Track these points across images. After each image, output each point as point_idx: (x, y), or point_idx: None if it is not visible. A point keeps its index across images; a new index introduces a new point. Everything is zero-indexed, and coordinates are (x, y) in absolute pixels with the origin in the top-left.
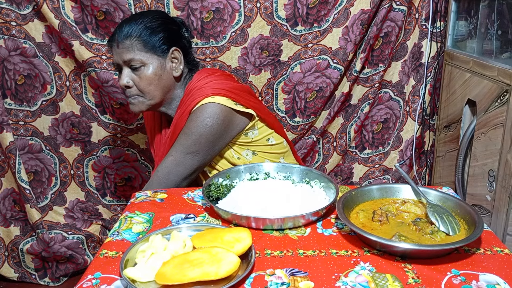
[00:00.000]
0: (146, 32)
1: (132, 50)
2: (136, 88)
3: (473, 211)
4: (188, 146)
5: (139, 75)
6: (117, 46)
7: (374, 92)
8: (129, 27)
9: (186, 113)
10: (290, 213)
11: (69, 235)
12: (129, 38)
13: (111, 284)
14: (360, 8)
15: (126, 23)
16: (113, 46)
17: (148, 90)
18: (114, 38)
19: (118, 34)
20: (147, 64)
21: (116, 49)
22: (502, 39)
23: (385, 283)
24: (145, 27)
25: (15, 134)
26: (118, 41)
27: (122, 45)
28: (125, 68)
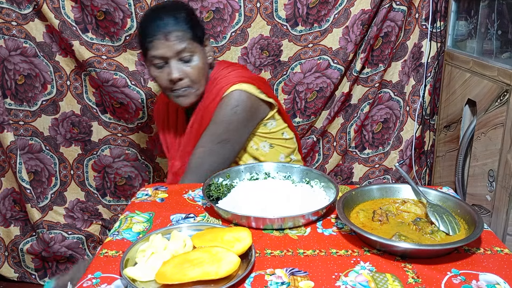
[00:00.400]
0: (191, 22)
1: (183, 40)
2: (188, 79)
3: (473, 211)
4: (219, 134)
5: (189, 65)
6: (165, 38)
7: (374, 92)
8: (175, 17)
9: (216, 102)
10: (290, 212)
11: (69, 235)
12: (179, 29)
13: (111, 283)
14: (361, 8)
15: (167, 14)
16: (158, 39)
17: (198, 80)
18: (157, 31)
19: (163, 26)
20: (196, 54)
21: (163, 42)
22: (502, 39)
23: (385, 282)
24: (189, 17)
25: (15, 134)
26: (166, 33)
27: (172, 36)
28: (173, 61)
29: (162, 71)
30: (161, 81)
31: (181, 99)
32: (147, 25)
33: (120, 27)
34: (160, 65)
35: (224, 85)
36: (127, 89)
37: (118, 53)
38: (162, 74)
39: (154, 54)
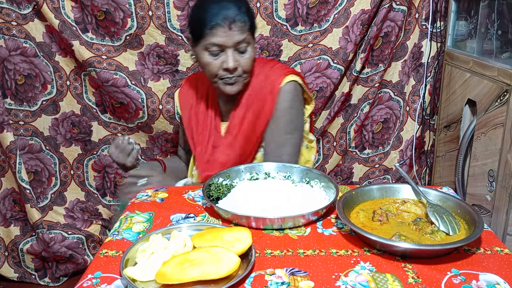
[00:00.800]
0: (250, 13)
1: (244, 31)
2: (241, 69)
3: (473, 211)
4: (288, 124)
5: (244, 56)
6: (229, 27)
7: (374, 92)
8: (238, 7)
9: (274, 94)
10: (290, 212)
11: (69, 235)
12: (241, 19)
13: (111, 283)
14: (361, 8)
15: (231, 3)
16: (222, 27)
17: (249, 70)
18: (222, 20)
19: (228, 15)
20: (250, 45)
21: (226, 30)
22: (502, 39)
23: (385, 282)
24: (248, 7)
25: (15, 134)
26: (230, 22)
27: (235, 26)
28: (229, 50)
29: (216, 59)
30: (213, 68)
31: (228, 87)
32: (211, 12)
33: (121, 27)
34: (216, 53)
35: (277, 77)
36: (127, 89)
37: (118, 53)
38: (216, 62)
39: (213, 42)
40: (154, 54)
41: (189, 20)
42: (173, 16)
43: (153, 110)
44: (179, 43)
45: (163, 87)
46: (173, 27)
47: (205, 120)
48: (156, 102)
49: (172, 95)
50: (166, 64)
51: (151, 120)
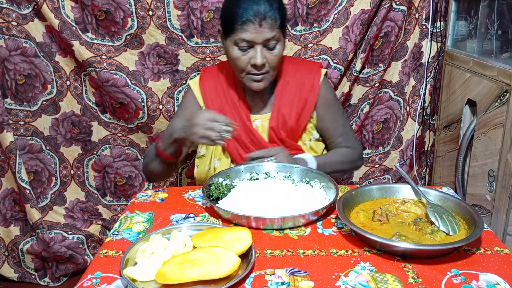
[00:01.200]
0: (282, 9)
1: (274, 28)
2: (268, 66)
3: (473, 211)
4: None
5: (272, 53)
6: (260, 24)
7: (374, 92)
8: (270, 3)
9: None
10: (290, 212)
11: (69, 235)
12: (272, 16)
13: (111, 283)
14: (360, 8)
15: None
16: (252, 23)
17: (277, 67)
18: (253, 16)
19: (260, 11)
20: (280, 42)
21: (256, 27)
22: (502, 39)
23: (385, 282)
24: (280, 4)
25: (15, 134)
26: (261, 19)
27: (266, 23)
28: (258, 47)
29: (244, 54)
30: (241, 64)
31: (255, 84)
32: (242, 7)
33: (121, 27)
34: (245, 49)
35: (316, 71)
36: (127, 89)
37: (118, 53)
38: (244, 58)
39: (243, 38)
40: (154, 54)
41: (221, 13)
42: (173, 16)
43: (153, 110)
44: (179, 43)
45: (163, 87)
46: (173, 27)
47: (234, 112)
48: (156, 102)
49: (172, 94)
50: (166, 64)
51: (151, 120)
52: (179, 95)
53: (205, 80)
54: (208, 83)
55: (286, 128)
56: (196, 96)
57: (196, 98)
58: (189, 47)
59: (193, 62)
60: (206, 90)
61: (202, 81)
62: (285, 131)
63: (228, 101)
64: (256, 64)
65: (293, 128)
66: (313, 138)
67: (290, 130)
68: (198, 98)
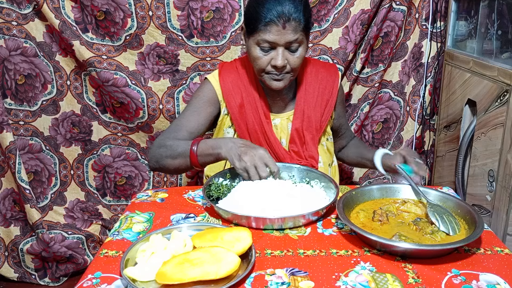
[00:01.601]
0: (307, 12)
1: (297, 31)
2: (289, 67)
3: (473, 211)
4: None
5: (294, 55)
6: (283, 26)
7: (374, 92)
8: (295, 5)
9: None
10: (291, 213)
11: (69, 235)
12: (296, 19)
13: (111, 283)
14: (360, 8)
15: (290, 2)
16: (276, 25)
17: (298, 68)
18: (277, 18)
19: (284, 13)
20: (302, 44)
21: (280, 29)
22: (502, 39)
23: (385, 282)
24: (306, 5)
25: (15, 134)
26: (285, 21)
27: (289, 25)
28: (280, 49)
29: (266, 55)
30: (261, 63)
31: (275, 83)
32: (267, 7)
33: (121, 27)
34: (266, 49)
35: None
36: (128, 89)
37: (118, 53)
38: (266, 58)
39: (265, 39)
40: (154, 54)
41: (245, 11)
42: (173, 16)
43: (154, 109)
44: (179, 43)
45: (163, 87)
46: (173, 27)
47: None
48: (156, 101)
49: (172, 94)
50: (166, 64)
51: (151, 120)
52: (179, 95)
53: (225, 74)
54: (229, 77)
55: (311, 129)
56: (215, 89)
57: (215, 91)
58: (189, 47)
59: (193, 62)
60: (226, 84)
61: (221, 76)
62: (310, 132)
63: (248, 97)
64: (277, 66)
65: (317, 129)
66: (330, 138)
67: (315, 131)
68: (217, 91)
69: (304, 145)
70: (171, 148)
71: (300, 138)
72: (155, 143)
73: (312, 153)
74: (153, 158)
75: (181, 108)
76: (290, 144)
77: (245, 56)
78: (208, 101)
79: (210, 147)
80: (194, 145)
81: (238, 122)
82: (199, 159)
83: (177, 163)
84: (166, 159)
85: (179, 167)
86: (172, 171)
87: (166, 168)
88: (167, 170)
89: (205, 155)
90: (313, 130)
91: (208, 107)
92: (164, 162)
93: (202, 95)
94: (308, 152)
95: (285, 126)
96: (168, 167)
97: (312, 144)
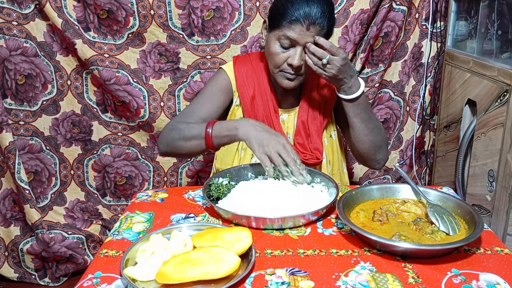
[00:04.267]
0: (332, 19)
1: (320, 35)
2: (304, 68)
3: (473, 211)
4: None
5: None
6: (308, 27)
7: (374, 92)
8: (322, 10)
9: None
10: (291, 212)
11: (69, 235)
12: (321, 23)
13: (111, 283)
14: (360, 8)
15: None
16: (301, 25)
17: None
18: (304, 18)
19: (311, 15)
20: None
21: (304, 29)
22: (502, 39)
23: (385, 282)
24: (331, 12)
25: (15, 134)
26: (310, 23)
27: (313, 28)
28: (299, 48)
29: (284, 52)
30: (278, 60)
31: (286, 82)
32: (295, 5)
33: (123, 25)
34: (286, 46)
35: None
36: (129, 87)
37: (120, 51)
38: (283, 55)
39: (288, 35)
40: (155, 52)
41: (272, 6)
42: (174, 15)
43: (155, 107)
44: (180, 41)
45: (164, 85)
46: (174, 26)
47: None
48: (157, 99)
49: (173, 92)
50: (168, 62)
51: (152, 118)
52: (180, 93)
53: (239, 65)
54: (244, 68)
55: (316, 121)
56: (230, 79)
57: (229, 81)
58: (190, 45)
59: (194, 60)
60: (240, 75)
61: (236, 66)
62: (315, 124)
63: (260, 90)
64: (293, 65)
65: (321, 122)
66: (333, 135)
67: (319, 124)
68: (232, 81)
69: (309, 138)
70: (184, 130)
71: (306, 130)
72: (166, 127)
73: (317, 145)
74: (163, 141)
75: (182, 106)
76: (296, 137)
77: (259, 52)
78: (222, 90)
79: (226, 129)
80: (209, 127)
81: (249, 113)
82: (214, 141)
83: (189, 146)
84: (179, 141)
85: (192, 150)
86: (184, 154)
87: (177, 151)
88: (179, 153)
89: (221, 136)
90: (317, 122)
91: (221, 95)
92: (176, 144)
93: (216, 83)
94: (313, 144)
95: (291, 121)
96: (180, 150)
97: (317, 136)
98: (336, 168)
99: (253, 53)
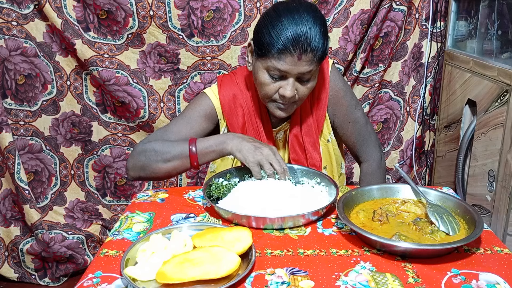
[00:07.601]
0: (325, 39)
1: (312, 63)
2: (297, 97)
3: (473, 211)
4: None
5: (305, 86)
6: (299, 57)
7: (374, 92)
8: (314, 34)
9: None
10: (290, 212)
11: (69, 235)
12: (313, 49)
13: (111, 283)
14: (360, 8)
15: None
16: (291, 55)
17: (305, 97)
18: (294, 47)
19: (301, 43)
20: (314, 75)
21: (295, 60)
22: (502, 39)
23: (385, 282)
24: (324, 32)
25: (15, 134)
26: (301, 51)
27: (305, 57)
28: (291, 79)
29: (274, 82)
30: (268, 90)
31: (279, 112)
32: (283, 33)
33: (122, 26)
34: (276, 77)
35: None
36: (129, 87)
37: (120, 52)
38: (274, 86)
39: (277, 67)
40: (155, 52)
41: (256, 28)
42: (173, 16)
43: (155, 108)
44: (180, 42)
45: (164, 85)
46: (173, 26)
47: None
48: (157, 100)
49: (173, 93)
50: (167, 63)
51: (152, 119)
52: (180, 94)
53: (225, 89)
54: (229, 92)
55: (311, 133)
56: (215, 106)
57: (213, 107)
58: (190, 46)
59: (194, 61)
60: (227, 101)
61: (221, 92)
62: (310, 136)
63: (250, 118)
64: (285, 96)
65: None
66: (329, 140)
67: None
68: (216, 108)
69: (304, 153)
70: (161, 151)
71: (300, 144)
72: (134, 151)
73: (314, 160)
74: (135, 166)
75: (181, 107)
76: (291, 155)
77: (246, 70)
78: (205, 116)
79: (213, 144)
80: (191, 144)
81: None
82: (200, 158)
83: (169, 167)
84: (156, 164)
85: (172, 171)
86: (162, 177)
87: (154, 174)
88: (155, 176)
89: (207, 152)
90: (313, 133)
91: (203, 122)
92: (154, 167)
93: (199, 108)
94: (309, 160)
95: (287, 137)
96: (157, 173)
97: (313, 149)
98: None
99: (238, 70)
